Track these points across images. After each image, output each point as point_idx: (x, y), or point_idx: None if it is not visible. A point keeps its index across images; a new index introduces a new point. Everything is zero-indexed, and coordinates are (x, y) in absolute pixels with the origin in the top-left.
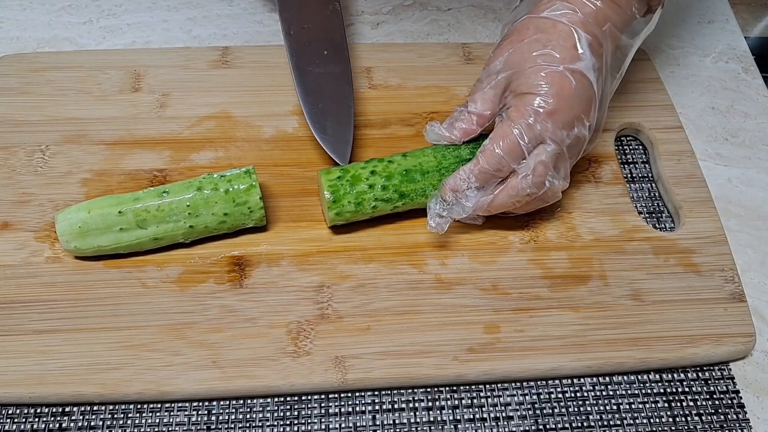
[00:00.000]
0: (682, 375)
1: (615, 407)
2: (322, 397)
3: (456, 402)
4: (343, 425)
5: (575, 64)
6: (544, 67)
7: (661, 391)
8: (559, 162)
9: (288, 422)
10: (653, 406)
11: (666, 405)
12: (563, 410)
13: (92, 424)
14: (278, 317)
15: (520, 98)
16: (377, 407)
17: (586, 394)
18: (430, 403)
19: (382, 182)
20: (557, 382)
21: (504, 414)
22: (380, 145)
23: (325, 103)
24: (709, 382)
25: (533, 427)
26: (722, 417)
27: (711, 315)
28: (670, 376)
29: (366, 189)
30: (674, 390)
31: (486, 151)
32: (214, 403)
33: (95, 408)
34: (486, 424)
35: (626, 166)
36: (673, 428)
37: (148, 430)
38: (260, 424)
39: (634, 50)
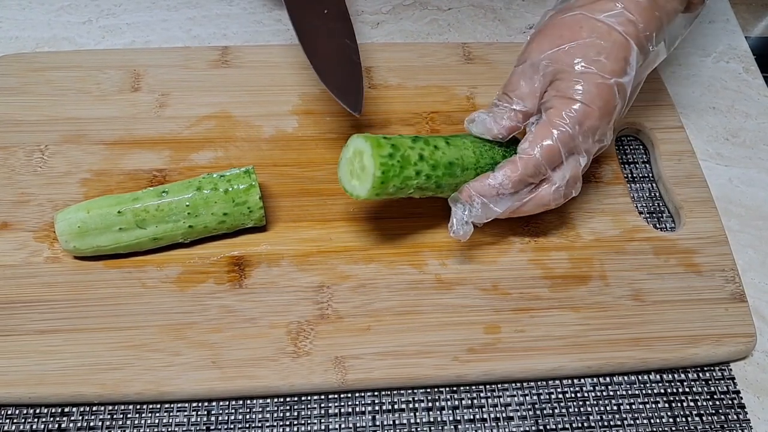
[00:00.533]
0: (683, 375)
1: (615, 407)
2: (322, 397)
3: (456, 402)
4: (343, 426)
5: (622, 78)
6: (596, 76)
7: (662, 391)
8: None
9: (288, 423)
10: (654, 406)
11: (666, 405)
12: (563, 411)
13: (91, 424)
14: (278, 317)
15: (565, 102)
16: (377, 408)
17: (586, 394)
18: (430, 404)
19: (428, 170)
20: (557, 382)
21: (504, 414)
22: None
23: (331, 59)
24: (710, 382)
25: (533, 428)
26: (723, 417)
27: (712, 315)
28: (670, 376)
29: (413, 175)
30: (675, 390)
31: (525, 156)
32: (214, 403)
33: (95, 408)
34: (486, 424)
35: (627, 166)
36: (673, 428)
37: (148, 430)
38: (260, 425)
39: (664, 55)
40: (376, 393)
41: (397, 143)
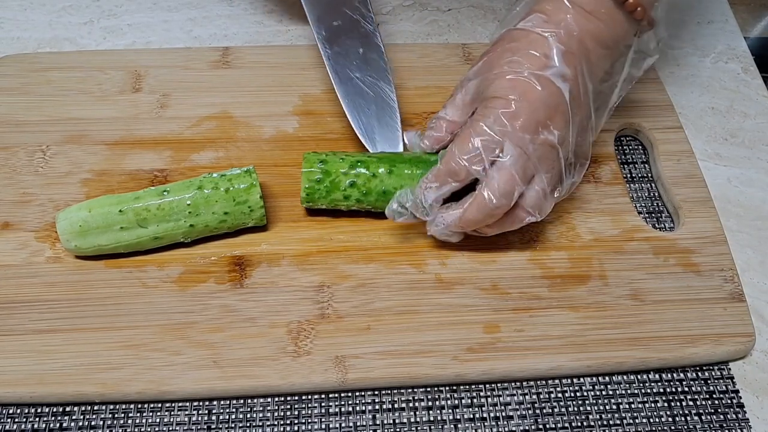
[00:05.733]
0: (682, 375)
1: (614, 407)
2: (322, 396)
3: (456, 401)
4: (343, 425)
5: (543, 71)
6: (508, 72)
7: (661, 390)
8: (527, 171)
9: (288, 422)
10: (653, 405)
11: (665, 405)
12: (563, 410)
13: (93, 423)
14: (278, 317)
15: (484, 103)
16: (377, 407)
17: (585, 393)
18: (430, 403)
19: (358, 196)
20: (557, 381)
21: (504, 413)
22: None
23: (369, 108)
24: (709, 381)
25: (533, 427)
26: (722, 417)
27: (710, 315)
28: (669, 375)
29: (341, 198)
30: (674, 390)
31: (447, 153)
32: (215, 402)
33: (96, 407)
34: (486, 423)
35: (626, 166)
36: (672, 428)
37: (149, 429)
38: (260, 424)
39: (626, 72)
40: (376, 392)
41: (330, 169)
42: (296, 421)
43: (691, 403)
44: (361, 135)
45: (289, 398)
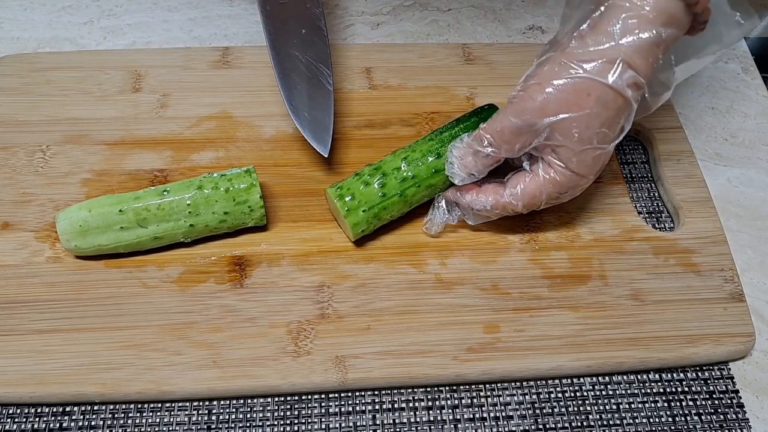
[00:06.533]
0: (682, 375)
1: (614, 407)
2: (323, 396)
3: (456, 401)
4: (343, 425)
5: (618, 139)
6: (595, 149)
7: (661, 390)
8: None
9: (288, 422)
10: (653, 405)
11: (665, 405)
12: (563, 410)
13: (93, 423)
14: (278, 317)
15: (560, 170)
16: (377, 407)
17: (585, 393)
18: (430, 403)
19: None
20: (557, 381)
21: (504, 413)
22: (380, 146)
23: (304, 90)
24: (709, 381)
25: (533, 427)
26: (722, 417)
27: (710, 315)
28: (669, 375)
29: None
30: (674, 390)
31: (509, 200)
32: (215, 402)
33: (96, 407)
34: (486, 423)
35: (626, 166)
36: (672, 428)
37: (149, 429)
38: (260, 424)
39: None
40: (376, 392)
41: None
42: (296, 421)
43: (691, 403)
44: (291, 112)
45: (289, 398)
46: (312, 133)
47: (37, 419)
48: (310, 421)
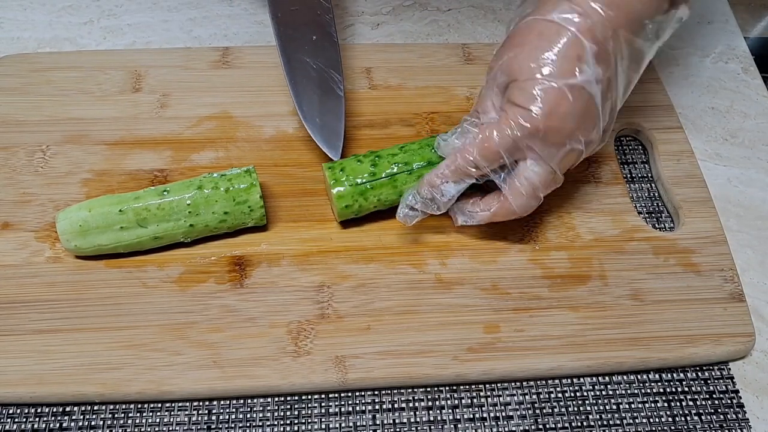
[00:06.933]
0: (682, 375)
1: (614, 407)
2: (322, 396)
3: (456, 401)
4: (343, 425)
5: (576, 79)
6: (540, 81)
7: (661, 390)
8: (549, 182)
9: (288, 422)
10: (653, 405)
11: (665, 405)
12: (563, 410)
13: (93, 423)
14: (278, 317)
15: (512, 109)
16: (377, 407)
17: (585, 393)
18: (430, 403)
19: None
20: (557, 381)
21: (504, 413)
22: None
23: (315, 95)
24: (709, 381)
25: (533, 427)
26: (722, 417)
27: (710, 315)
28: (669, 375)
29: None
30: (674, 390)
31: (464, 151)
32: (215, 402)
33: (96, 407)
34: (486, 423)
35: (626, 166)
36: (672, 428)
37: (149, 429)
38: (260, 424)
39: (653, 52)
40: (376, 392)
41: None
42: (296, 421)
43: (691, 403)
44: (302, 117)
45: (289, 398)
46: (323, 138)
47: (37, 419)
48: (310, 421)
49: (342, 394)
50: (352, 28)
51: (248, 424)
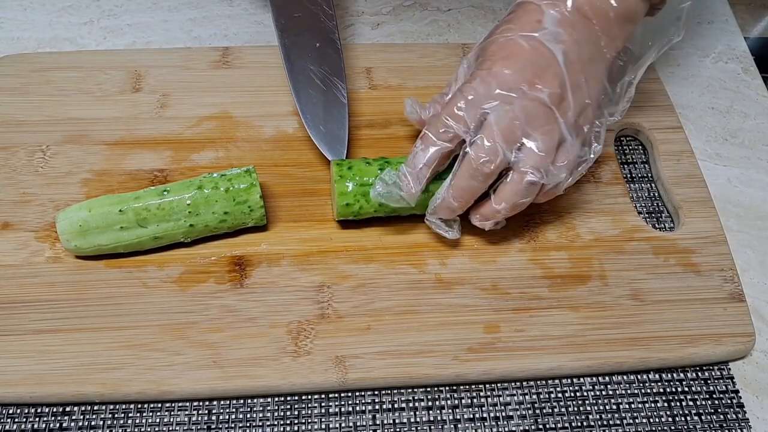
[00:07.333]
0: (682, 375)
1: (614, 407)
2: (323, 396)
3: (456, 401)
4: (343, 425)
5: (533, 33)
6: (499, 37)
7: (661, 390)
8: (514, 130)
9: (288, 422)
10: (653, 405)
11: (665, 405)
12: (563, 410)
13: (93, 423)
14: (278, 317)
15: (475, 67)
16: (377, 407)
17: (585, 393)
18: (430, 403)
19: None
20: (557, 381)
21: (504, 413)
22: (380, 146)
23: (319, 103)
24: (709, 381)
25: (533, 427)
26: (722, 417)
27: (710, 315)
28: (669, 375)
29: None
30: (674, 390)
31: (432, 117)
32: (215, 402)
33: (96, 407)
34: (486, 423)
35: (626, 166)
36: (672, 428)
37: (149, 429)
38: (260, 424)
39: (648, 57)
40: (376, 392)
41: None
42: (296, 421)
43: (691, 403)
44: (306, 124)
45: (289, 398)
46: (327, 145)
47: (37, 419)
48: (310, 421)
49: (342, 394)
50: (352, 28)
51: (248, 424)
